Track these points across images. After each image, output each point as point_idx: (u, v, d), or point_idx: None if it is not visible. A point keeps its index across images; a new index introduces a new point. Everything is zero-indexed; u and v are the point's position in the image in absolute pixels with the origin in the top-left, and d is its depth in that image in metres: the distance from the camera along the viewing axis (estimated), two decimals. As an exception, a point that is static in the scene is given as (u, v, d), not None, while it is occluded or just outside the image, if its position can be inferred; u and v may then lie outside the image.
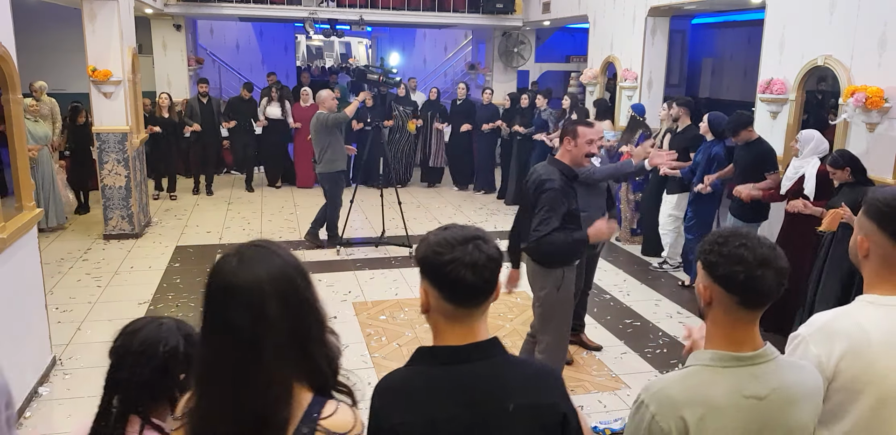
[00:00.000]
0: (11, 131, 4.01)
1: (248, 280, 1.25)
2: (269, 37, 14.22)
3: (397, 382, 1.43)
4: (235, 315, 1.24)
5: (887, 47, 4.59)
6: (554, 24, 10.75)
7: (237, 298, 1.24)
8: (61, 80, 10.20)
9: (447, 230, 1.43)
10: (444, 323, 1.44)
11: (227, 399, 1.25)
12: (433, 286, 1.41)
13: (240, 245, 1.34)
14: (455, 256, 1.37)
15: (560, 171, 3.53)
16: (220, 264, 1.29)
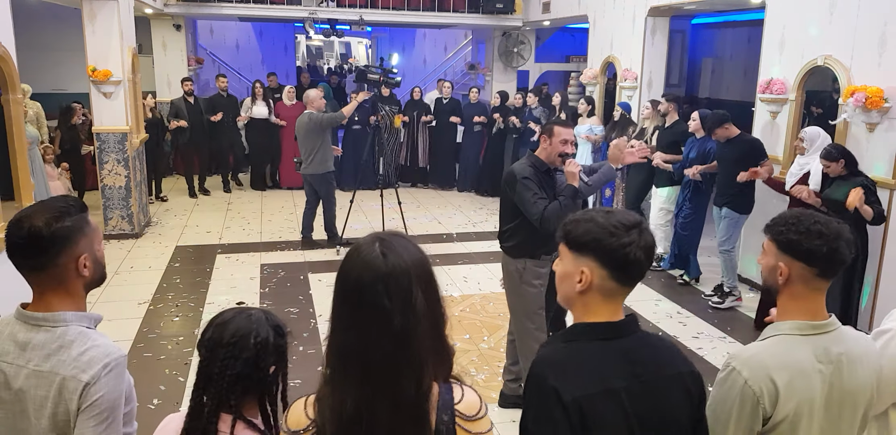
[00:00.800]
0: (11, 131, 4.01)
1: (399, 267, 1.29)
2: (269, 37, 14.23)
3: (567, 358, 1.46)
4: (388, 303, 1.26)
5: (887, 47, 4.59)
6: (554, 24, 10.74)
7: (390, 285, 1.27)
8: (61, 80, 10.21)
9: (611, 214, 1.48)
10: (601, 301, 1.48)
11: (380, 391, 1.27)
12: (603, 266, 1.44)
13: (376, 235, 1.38)
14: (632, 238, 1.43)
15: (532, 165, 3.63)
16: (363, 253, 1.31)
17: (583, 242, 1.46)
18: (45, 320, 1.55)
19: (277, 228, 7.82)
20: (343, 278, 1.32)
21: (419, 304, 1.28)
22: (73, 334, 1.55)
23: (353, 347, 1.29)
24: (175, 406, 3.87)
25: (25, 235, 1.51)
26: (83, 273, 1.60)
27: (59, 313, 1.56)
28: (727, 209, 5.43)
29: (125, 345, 4.63)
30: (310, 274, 6.24)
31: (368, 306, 1.27)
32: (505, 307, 5.44)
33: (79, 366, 1.51)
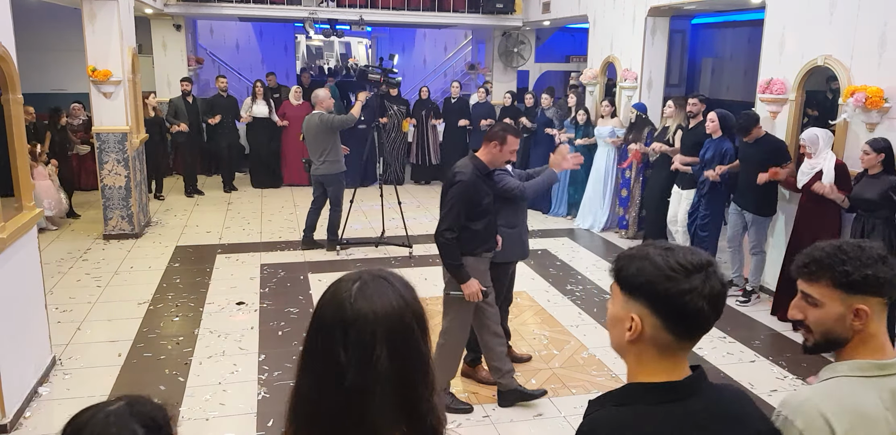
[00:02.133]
0: (11, 131, 4.01)
1: (365, 316, 1.11)
2: (269, 37, 14.23)
3: (622, 426, 1.25)
4: (343, 354, 1.11)
5: (887, 47, 4.59)
6: (554, 24, 10.74)
7: (349, 335, 1.11)
8: (61, 80, 10.21)
9: (672, 251, 1.25)
10: (656, 355, 1.27)
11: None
12: (656, 315, 1.23)
13: (361, 272, 1.19)
14: (693, 284, 1.20)
15: (474, 166, 3.69)
16: (338, 292, 1.16)
17: (634, 285, 1.25)
18: None
19: (277, 228, 7.81)
20: (315, 311, 1.17)
21: (381, 363, 1.10)
22: None
23: (305, 394, 1.15)
24: (175, 406, 3.87)
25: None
26: None
27: None
28: (753, 215, 5.44)
29: (125, 345, 4.63)
30: (310, 274, 6.24)
31: (324, 353, 1.12)
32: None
33: None
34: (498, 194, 4.01)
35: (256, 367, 4.37)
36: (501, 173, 4.03)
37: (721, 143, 5.74)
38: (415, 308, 1.17)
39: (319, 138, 6.71)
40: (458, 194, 3.60)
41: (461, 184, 3.61)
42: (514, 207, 4.16)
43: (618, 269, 1.28)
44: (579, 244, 7.46)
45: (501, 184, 3.99)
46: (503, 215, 4.09)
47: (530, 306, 5.56)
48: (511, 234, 4.13)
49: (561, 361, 4.54)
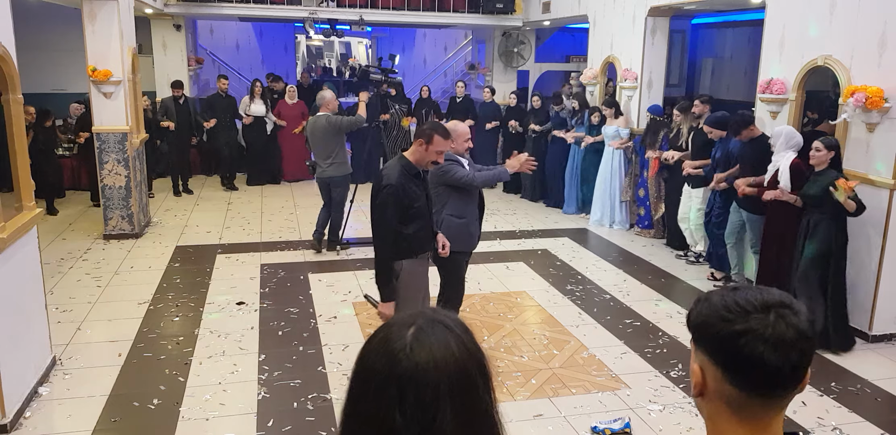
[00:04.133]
0: (12, 131, 4.01)
1: (425, 369, 0.95)
2: (269, 37, 14.22)
3: None
4: (399, 417, 0.94)
5: (887, 47, 4.59)
6: (554, 24, 10.74)
7: (407, 392, 0.95)
8: (61, 80, 10.21)
9: (737, 290, 1.06)
10: (728, 415, 1.05)
11: None
12: (714, 363, 1.04)
13: (418, 314, 1.04)
14: (750, 325, 1.00)
15: (402, 167, 3.65)
16: (389, 338, 1.01)
17: (693, 328, 1.08)
18: None
19: (277, 228, 7.81)
20: (359, 362, 1.02)
21: (446, 423, 0.94)
22: None
23: None
24: (175, 406, 3.87)
25: None
26: None
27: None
28: (747, 213, 5.57)
29: (125, 345, 4.63)
30: (310, 274, 6.24)
31: (376, 415, 0.95)
32: (505, 307, 5.47)
33: None
34: (447, 184, 4.14)
35: (256, 367, 4.37)
36: (452, 163, 4.11)
37: (727, 143, 5.87)
38: (478, 358, 1.01)
39: (327, 140, 6.62)
40: (386, 200, 3.54)
41: (389, 188, 3.54)
42: (464, 197, 4.22)
43: (687, 315, 1.11)
44: (579, 244, 7.45)
45: (451, 174, 4.09)
46: (451, 205, 4.19)
47: (530, 306, 5.56)
48: (459, 224, 4.19)
49: (561, 361, 4.54)
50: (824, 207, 4.49)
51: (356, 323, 5.13)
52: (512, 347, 4.76)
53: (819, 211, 4.55)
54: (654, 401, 4.02)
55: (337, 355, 4.58)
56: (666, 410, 3.93)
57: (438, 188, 4.19)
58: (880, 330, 4.85)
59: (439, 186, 4.20)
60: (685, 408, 3.94)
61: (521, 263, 6.65)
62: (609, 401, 4.03)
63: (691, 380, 1.09)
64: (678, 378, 4.31)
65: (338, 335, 4.90)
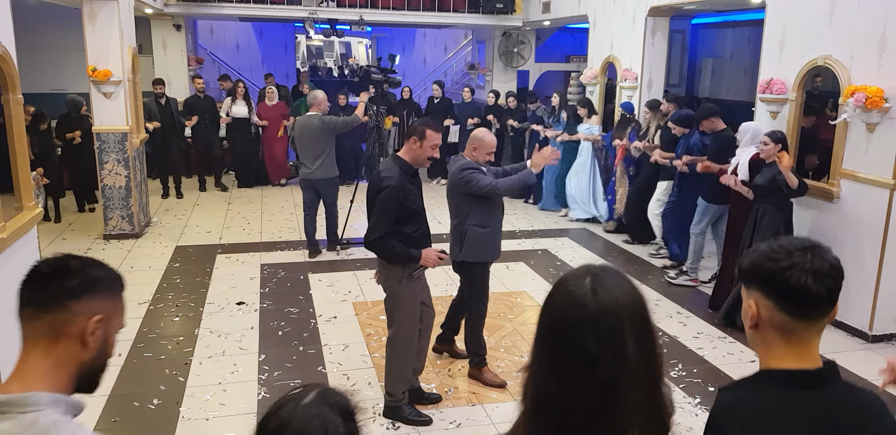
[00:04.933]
0: (12, 131, 4.01)
1: (611, 307, 1.13)
2: (269, 37, 14.24)
3: (754, 409, 1.30)
4: (595, 348, 1.11)
5: (887, 47, 4.59)
6: (554, 24, 10.75)
7: (599, 328, 1.12)
8: (61, 80, 10.21)
9: (778, 239, 1.34)
10: (779, 340, 1.32)
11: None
12: (766, 296, 1.30)
13: (588, 267, 1.21)
14: (794, 261, 1.26)
15: (400, 168, 3.61)
16: (571, 288, 1.16)
17: (747, 274, 1.33)
18: (11, 404, 1.18)
19: (277, 228, 7.81)
20: (547, 313, 1.18)
21: (631, 352, 1.13)
22: (45, 423, 1.18)
23: (551, 391, 1.15)
24: (175, 406, 3.87)
25: (54, 264, 1.29)
26: (87, 341, 1.26)
27: (31, 395, 1.19)
28: (706, 202, 5.92)
29: (125, 345, 4.63)
30: (310, 274, 6.24)
31: (572, 349, 1.13)
32: (505, 306, 5.47)
33: None
34: (471, 194, 4.01)
35: (256, 367, 4.37)
36: (473, 172, 3.96)
37: (689, 139, 6.16)
38: (643, 296, 1.20)
39: (318, 141, 6.48)
40: (387, 200, 3.52)
41: (390, 189, 3.51)
42: (488, 207, 4.11)
43: (738, 265, 1.37)
44: (579, 244, 7.45)
45: (473, 183, 3.94)
46: (475, 215, 4.07)
47: (530, 306, 5.56)
48: (483, 234, 4.09)
49: (561, 361, 4.54)
50: (771, 197, 4.80)
51: (356, 323, 5.13)
52: (512, 347, 4.76)
53: (766, 200, 4.84)
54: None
55: (337, 355, 4.58)
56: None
57: (460, 199, 4.09)
58: (880, 330, 4.85)
59: (461, 197, 4.08)
60: (685, 408, 3.94)
61: (521, 263, 6.65)
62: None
63: (746, 316, 1.34)
64: (678, 378, 4.31)
65: (338, 335, 4.90)
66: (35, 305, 1.25)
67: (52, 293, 1.25)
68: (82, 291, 1.26)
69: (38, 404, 1.19)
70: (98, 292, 1.28)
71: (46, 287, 1.26)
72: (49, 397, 1.21)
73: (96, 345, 1.28)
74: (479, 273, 4.23)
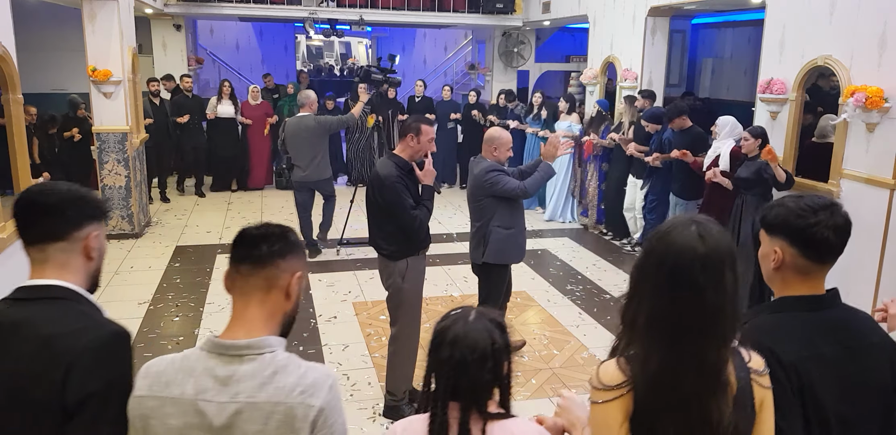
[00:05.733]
0: (12, 131, 4.01)
1: (717, 250, 1.39)
2: (269, 37, 14.23)
3: (778, 326, 1.61)
4: (703, 281, 1.37)
5: (887, 47, 4.59)
6: (554, 24, 10.74)
7: (707, 266, 1.38)
8: (61, 80, 10.21)
9: (802, 197, 1.62)
10: (796, 277, 1.64)
11: (686, 356, 1.38)
12: (793, 245, 1.60)
13: (689, 217, 1.46)
14: (820, 218, 1.56)
15: (395, 165, 3.63)
16: (679, 233, 1.41)
17: (774, 225, 1.63)
18: (252, 348, 1.42)
19: (277, 228, 7.80)
20: (659, 253, 1.42)
21: (729, 284, 1.39)
22: (282, 360, 1.43)
23: (665, 314, 1.40)
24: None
25: (260, 229, 1.53)
26: (290, 294, 1.52)
27: (265, 338, 1.44)
28: (676, 198, 6.20)
29: (125, 345, 4.62)
30: (310, 274, 6.24)
31: (684, 282, 1.38)
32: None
33: (307, 391, 1.39)
34: (498, 196, 4.02)
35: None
36: (499, 174, 4.00)
37: (661, 135, 6.42)
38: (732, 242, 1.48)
39: (313, 142, 6.40)
40: (395, 192, 3.54)
41: (392, 178, 3.55)
42: (511, 208, 4.12)
43: (762, 216, 1.67)
44: (579, 244, 7.46)
45: (500, 185, 3.98)
46: (499, 216, 4.07)
47: (530, 306, 5.56)
48: (507, 235, 4.09)
49: (561, 361, 4.54)
50: (755, 189, 5.02)
51: (356, 323, 5.13)
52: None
53: (750, 193, 5.06)
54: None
55: (337, 355, 4.58)
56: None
57: (485, 200, 4.10)
58: (880, 330, 4.84)
59: (485, 198, 4.09)
60: (685, 408, 3.94)
61: (521, 263, 6.63)
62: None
63: (767, 258, 1.65)
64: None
65: (338, 335, 4.90)
66: (252, 261, 1.48)
67: (266, 252, 1.47)
68: (287, 251, 1.50)
69: (271, 346, 1.44)
70: (297, 254, 1.52)
71: (259, 247, 1.48)
72: (276, 340, 1.47)
73: (295, 298, 1.52)
74: (499, 275, 4.23)
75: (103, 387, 1.40)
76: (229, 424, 1.38)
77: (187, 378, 1.41)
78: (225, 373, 1.40)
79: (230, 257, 1.52)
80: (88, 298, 1.61)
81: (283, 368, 1.41)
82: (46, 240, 1.60)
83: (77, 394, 1.38)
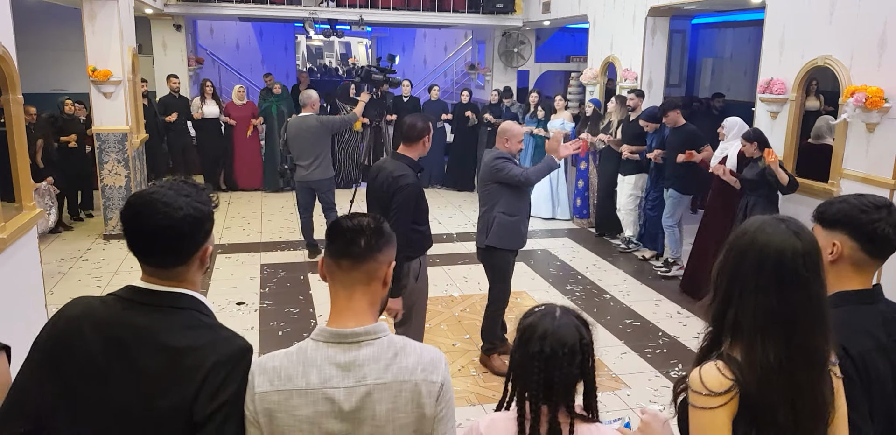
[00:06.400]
0: (12, 131, 4.01)
1: (812, 243, 1.48)
2: (269, 37, 14.24)
3: (841, 320, 1.61)
4: (807, 273, 1.45)
5: (887, 47, 4.59)
6: (554, 24, 10.74)
7: (807, 259, 1.45)
8: (61, 80, 10.21)
9: (862, 196, 1.73)
10: (852, 271, 1.72)
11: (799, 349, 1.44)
12: (854, 239, 1.69)
13: (774, 217, 1.53)
14: (881, 215, 1.66)
15: (409, 166, 3.62)
16: (774, 231, 1.47)
17: (836, 220, 1.71)
18: (368, 334, 1.50)
19: (277, 228, 7.82)
20: (755, 254, 1.47)
21: (823, 274, 1.48)
22: (398, 342, 1.52)
23: (775, 310, 1.44)
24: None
25: (355, 224, 1.54)
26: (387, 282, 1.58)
27: (378, 324, 1.52)
28: (672, 190, 6.24)
29: (125, 345, 4.62)
30: (310, 274, 6.24)
31: (792, 278, 1.44)
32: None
33: (427, 368, 1.49)
34: (500, 181, 4.12)
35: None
36: (506, 161, 4.10)
37: (661, 132, 6.48)
38: None
39: (316, 141, 6.38)
40: (406, 199, 3.51)
41: (410, 187, 3.51)
42: (516, 196, 4.20)
43: (820, 212, 1.76)
44: (579, 244, 7.46)
45: (506, 171, 4.08)
46: (504, 203, 4.17)
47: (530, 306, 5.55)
48: (510, 222, 4.18)
49: (561, 361, 4.53)
50: (760, 190, 5.08)
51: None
52: (512, 347, 4.75)
53: (756, 193, 5.12)
54: (654, 401, 4.03)
55: (337, 355, 4.58)
56: (666, 411, 3.92)
57: (491, 186, 4.19)
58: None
59: (491, 184, 4.18)
60: (685, 408, 3.94)
61: (521, 263, 6.65)
62: (609, 401, 4.03)
63: (825, 251, 1.67)
64: (678, 378, 4.30)
65: (338, 335, 4.89)
66: (352, 257, 1.52)
67: (364, 248, 1.52)
68: (383, 244, 1.54)
69: (385, 331, 1.52)
70: (390, 244, 1.57)
71: (357, 243, 1.51)
72: (385, 326, 1.53)
73: (389, 284, 1.59)
74: (502, 260, 4.28)
75: (230, 401, 1.43)
76: (360, 407, 1.44)
77: (310, 369, 1.45)
78: (346, 359, 1.46)
79: (327, 250, 1.56)
80: (210, 307, 1.58)
81: (402, 349, 1.50)
82: (167, 266, 1.50)
83: (206, 408, 1.40)
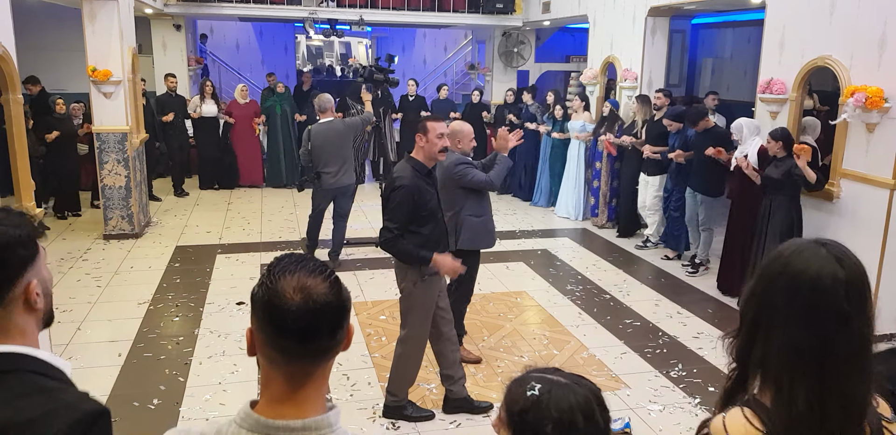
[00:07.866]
0: (12, 131, 4.01)
1: (857, 273, 1.29)
2: (269, 37, 14.24)
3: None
4: (847, 306, 1.27)
5: (887, 47, 4.59)
6: (554, 24, 10.74)
7: (850, 290, 1.27)
8: (61, 80, 10.21)
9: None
10: None
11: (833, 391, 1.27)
12: None
13: (813, 240, 1.34)
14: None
15: (412, 168, 3.60)
16: (811, 255, 1.29)
17: None
18: (308, 430, 1.20)
19: (277, 228, 7.82)
20: (787, 280, 1.28)
21: (870, 309, 1.30)
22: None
23: (806, 347, 1.27)
24: (175, 406, 3.87)
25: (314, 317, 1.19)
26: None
27: (324, 417, 1.21)
28: (702, 195, 6.23)
29: (125, 345, 4.63)
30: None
31: (828, 310, 1.26)
32: (505, 306, 5.47)
33: None
34: (466, 187, 4.19)
35: (256, 367, 4.36)
36: (468, 167, 4.17)
37: (684, 132, 6.48)
38: None
39: (343, 146, 6.25)
40: (400, 199, 3.50)
41: (403, 189, 3.51)
42: (479, 197, 4.31)
43: None
44: (579, 244, 7.46)
45: (468, 177, 4.15)
46: (469, 206, 4.25)
47: (530, 306, 5.56)
48: (478, 222, 4.28)
49: (561, 361, 4.54)
50: (785, 190, 5.04)
51: (356, 323, 5.13)
52: (512, 347, 4.76)
53: (780, 193, 5.08)
54: (654, 401, 4.02)
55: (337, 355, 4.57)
56: (666, 411, 3.93)
57: (455, 191, 4.19)
58: (880, 330, 4.81)
59: (455, 189, 4.19)
60: (685, 408, 3.94)
61: (521, 263, 6.65)
62: (609, 401, 4.01)
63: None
64: (678, 378, 4.31)
65: (338, 335, 4.89)
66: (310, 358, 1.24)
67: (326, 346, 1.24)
68: (346, 327, 1.26)
69: (331, 425, 1.22)
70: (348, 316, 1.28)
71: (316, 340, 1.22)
72: (334, 415, 1.25)
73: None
74: (473, 261, 4.33)
75: None
76: None
77: None
78: None
79: (261, 331, 1.21)
80: (53, 362, 1.24)
81: None
82: None
83: None
